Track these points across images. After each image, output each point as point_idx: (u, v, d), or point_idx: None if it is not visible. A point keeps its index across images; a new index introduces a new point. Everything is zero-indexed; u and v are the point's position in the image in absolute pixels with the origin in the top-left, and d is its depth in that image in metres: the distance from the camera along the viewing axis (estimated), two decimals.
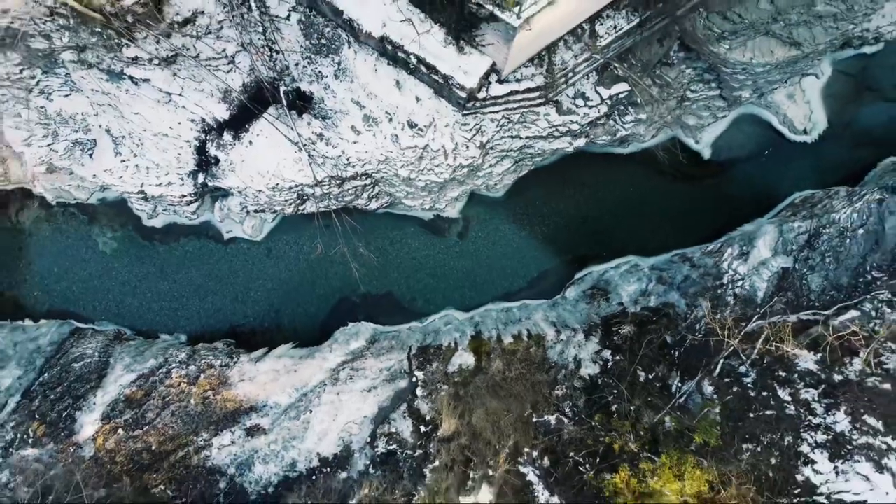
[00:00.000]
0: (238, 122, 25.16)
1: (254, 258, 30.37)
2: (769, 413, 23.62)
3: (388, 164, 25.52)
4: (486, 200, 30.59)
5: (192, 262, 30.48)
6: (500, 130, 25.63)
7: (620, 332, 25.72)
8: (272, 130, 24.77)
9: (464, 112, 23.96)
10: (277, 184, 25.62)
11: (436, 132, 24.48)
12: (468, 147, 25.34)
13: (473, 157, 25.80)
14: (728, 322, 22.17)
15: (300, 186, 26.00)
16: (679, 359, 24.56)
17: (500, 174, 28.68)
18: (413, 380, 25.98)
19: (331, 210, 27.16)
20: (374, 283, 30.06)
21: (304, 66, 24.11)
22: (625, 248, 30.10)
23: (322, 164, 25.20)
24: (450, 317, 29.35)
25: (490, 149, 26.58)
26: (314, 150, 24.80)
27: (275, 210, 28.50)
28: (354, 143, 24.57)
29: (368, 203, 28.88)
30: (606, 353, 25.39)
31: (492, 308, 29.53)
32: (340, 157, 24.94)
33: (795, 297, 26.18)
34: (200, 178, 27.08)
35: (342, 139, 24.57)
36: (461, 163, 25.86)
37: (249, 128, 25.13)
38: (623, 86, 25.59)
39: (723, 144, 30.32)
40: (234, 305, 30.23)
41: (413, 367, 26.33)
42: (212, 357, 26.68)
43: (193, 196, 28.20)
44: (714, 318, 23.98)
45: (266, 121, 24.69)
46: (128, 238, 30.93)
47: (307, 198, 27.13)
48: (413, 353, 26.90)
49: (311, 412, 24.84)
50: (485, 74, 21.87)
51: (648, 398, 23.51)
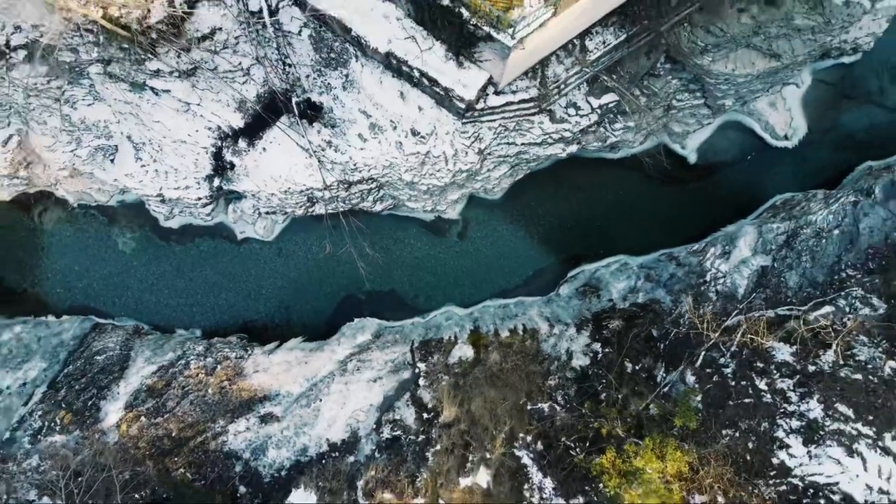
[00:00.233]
0: (252, 130, 26.93)
1: (265, 257, 32.10)
2: (747, 401, 25.39)
3: (393, 169, 27.28)
4: (485, 203, 32.32)
5: (207, 261, 32.20)
6: (497, 138, 27.41)
7: (609, 327, 27.50)
8: (284, 138, 26.54)
9: (463, 121, 25.72)
10: (289, 188, 27.39)
11: (437, 139, 26.23)
12: (467, 153, 27.11)
13: (472, 163, 27.58)
14: (707, 316, 23.88)
15: (310, 190, 27.77)
16: (664, 351, 26.33)
17: (498, 178, 30.46)
18: (416, 371, 27.79)
19: (338, 212, 28.92)
20: (379, 281, 31.76)
21: (315, 78, 25.88)
22: (615, 248, 31.87)
23: (331, 170, 26.97)
24: (450, 312, 31.12)
25: (488, 155, 28.34)
26: (324, 157, 26.56)
27: (285, 212, 30.30)
28: (361, 150, 26.33)
29: (373, 205, 30.64)
30: (596, 346, 27.19)
31: (489, 304, 31.30)
32: (348, 163, 26.70)
33: (774, 294, 27.96)
34: (216, 182, 28.82)
35: (350, 146, 26.33)
36: (461, 168, 27.62)
37: (263, 135, 26.89)
38: (612, 96, 27.37)
39: (708, 150, 32.10)
40: (247, 302, 31.99)
41: (416, 359, 28.14)
42: (227, 350, 28.47)
43: (209, 199, 29.90)
44: (696, 313, 25.77)
45: (279, 129, 26.46)
46: (146, 238, 32.63)
47: (316, 200, 28.89)
48: (416, 346, 28.71)
49: (321, 401, 26.65)
50: (482, 87, 23.64)
51: (635, 387, 25.28)
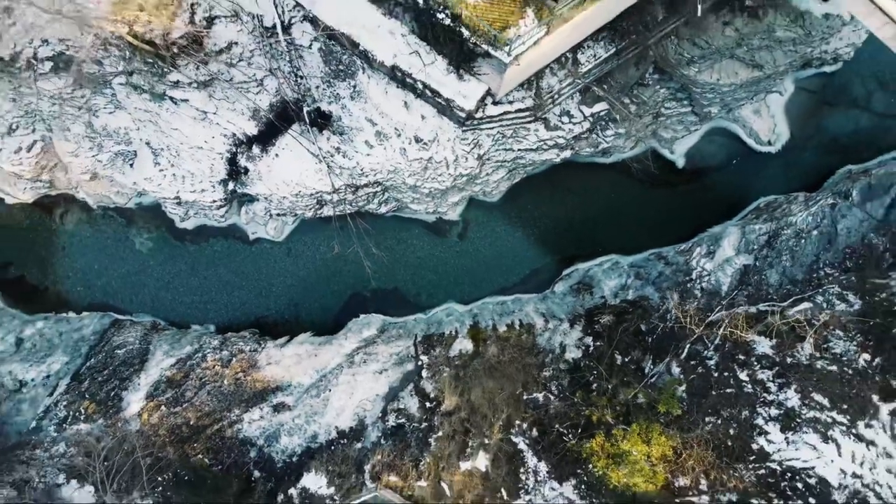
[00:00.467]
0: (265, 137, 28.68)
1: (275, 257, 33.88)
2: (729, 391, 27.13)
3: (397, 174, 29.03)
4: (484, 205, 34.07)
5: (220, 261, 33.99)
6: (496, 144, 29.17)
7: (601, 322, 29.29)
8: (296, 144, 28.29)
9: (463, 128, 27.45)
10: (300, 191, 29.15)
11: (439, 146, 27.97)
12: (467, 158, 28.87)
13: (472, 168, 29.35)
14: (691, 312, 25.64)
15: (319, 193, 29.54)
16: (651, 344, 28.09)
17: (496, 182, 32.23)
18: (419, 363, 29.58)
19: (346, 214, 30.64)
20: (383, 279, 33.47)
21: (324, 89, 27.60)
22: (607, 248, 33.68)
23: (339, 174, 28.72)
24: (451, 309, 32.92)
25: (486, 160, 30.09)
26: (333, 162, 28.32)
27: (295, 214, 32.07)
28: (368, 156, 28.09)
29: (379, 207, 32.41)
30: (588, 340, 28.97)
31: (488, 301, 33.11)
32: (355, 168, 28.46)
33: (755, 291, 29.69)
34: (230, 186, 30.56)
35: (357, 152, 28.09)
36: (461, 172, 29.39)
37: (276, 142, 28.64)
38: (603, 105, 29.13)
39: (695, 155, 33.84)
40: (258, 299, 33.77)
41: (419, 353, 29.93)
42: (241, 343, 30.25)
43: (223, 201, 31.63)
44: (682, 309, 27.52)
45: (291, 136, 28.20)
46: (162, 238, 34.40)
47: (325, 203, 30.66)
48: (419, 340, 30.50)
49: (330, 391, 28.44)
50: (481, 98, 25.39)
51: (624, 378, 27.03)
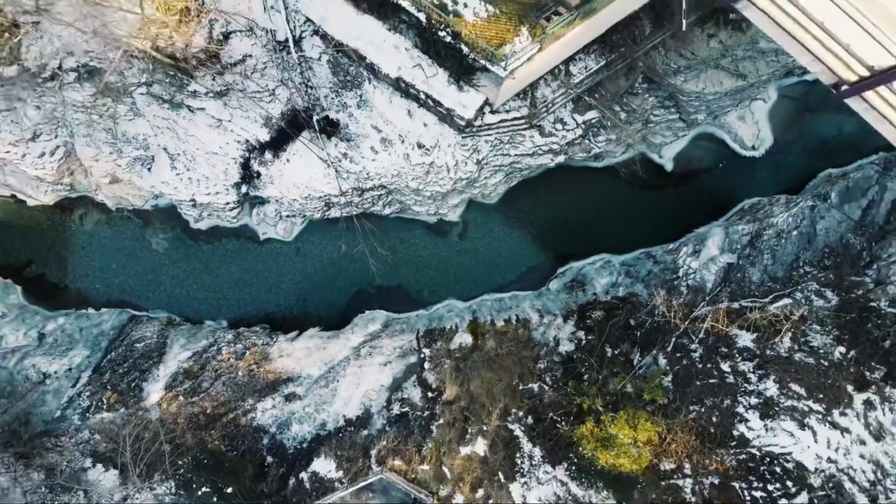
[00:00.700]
0: (277, 143, 30.48)
1: (285, 256, 35.61)
2: (712, 381, 28.90)
3: (401, 178, 30.80)
4: (483, 207, 35.75)
5: (232, 259, 35.73)
6: (493, 150, 30.95)
7: (592, 317, 31.09)
8: (306, 150, 30.09)
9: (463, 135, 29.21)
10: (309, 194, 30.95)
11: (440, 151, 29.73)
12: (467, 163, 30.65)
13: (471, 172, 31.13)
14: (675, 307, 27.43)
15: (328, 196, 31.33)
16: (640, 337, 29.87)
17: (494, 185, 34.02)
18: (421, 356, 31.41)
19: (352, 215, 32.46)
20: (387, 277, 35.21)
21: (332, 98, 29.39)
22: (600, 248, 35.34)
23: (346, 178, 30.52)
24: (451, 305, 34.72)
25: (485, 164, 31.87)
26: (340, 167, 30.11)
27: (304, 215, 33.86)
28: (373, 161, 29.87)
29: (383, 209, 34.19)
30: (580, 334, 30.78)
31: (487, 298, 34.86)
32: (361, 172, 30.25)
33: (738, 288, 31.47)
34: (243, 189, 32.35)
35: (363, 157, 29.87)
36: (461, 176, 31.17)
37: (287, 148, 30.44)
38: (595, 113, 30.90)
39: (683, 159, 35.50)
40: (268, 296, 35.54)
41: (421, 346, 31.76)
42: (254, 337, 32.09)
43: (236, 203, 33.42)
44: (668, 305, 29.28)
45: (301, 142, 30.00)
46: (177, 238, 36.13)
47: (332, 205, 32.45)
48: (421, 335, 32.33)
49: (338, 382, 30.26)
50: (480, 107, 27.17)
51: (614, 369, 28.83)
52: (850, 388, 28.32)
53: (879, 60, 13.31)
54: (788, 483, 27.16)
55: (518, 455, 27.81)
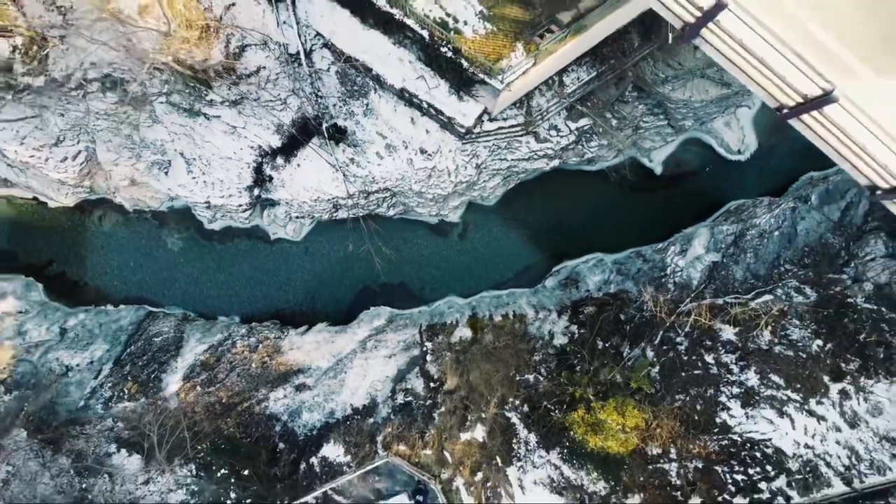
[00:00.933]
0: (288, 149, 32.33)
1: (294, 255, 37.36)
2: (696, 372, 30.69)
3: (404, 181, 32.65)
4: (482, 208, 37.44)
5: (244, 258, 37.50)
6: (492, 155, 32.81)
7: (585, 312, 32.98)
8: (315, 156, 31.97)
9: (463, 141, 31.03)
10: (318, 196, 32.83)
11: (441, 157, 31.56)
12: (466, 167, 32.50)
13: (471, 175, 32.99)
14: (661, 302, 29.31)
15: (335, 198, 33.20)
16: (629, 331, 31.73)
17: (492, 188, 35.85)
18: (424, 349, 33.28)
19: (358, 216, 34.32)
20: (391, 275, 36.90)
21: (341, 107, 31.25)
22: (593, 247, 37.01)
23: (353, 182, 32.40)
24: (452, 301, 36.52)
25: (484, 168, 33.72)
26: (347, 171, 31.99)
27: (313, 217, 35.73)
28: (379, 165, 31.72)
29: (388, 211, 36.03)
30: (573, 328, 32.66)
31: (485, 294, 36.61)
32: (368, 176, 32.12)
33: (722, 285, 33.31)
34: (256, 192, 34.22)
35: (369, 162, 31.73)
36: (461, 179, 33.02)
37: (297, 153, 32.30)
38: (587, 120, 32.77)
39: (672, 163, 37.25)
40: (279, 293, 37.33)
41: (424, 340, 33.65)
42: (266, 332, 33.98)
43: (248, 205, 35.26)
44: (656, 301, 31.14)
45: (311, 148, 31.87)
46: (191, 238, 37.84)
47: (340, 207, 34.32)
48: (423, 329, 34.21)
49: (346, 373, 32.19)
50: (479, 115, 29.02)
51: (604, 361, 30.70)
52: (827, 379, 29.68)
53: (809, 90, 15.30)
54: (768, 467, 28.74)
55: (514, 441, 29.69)
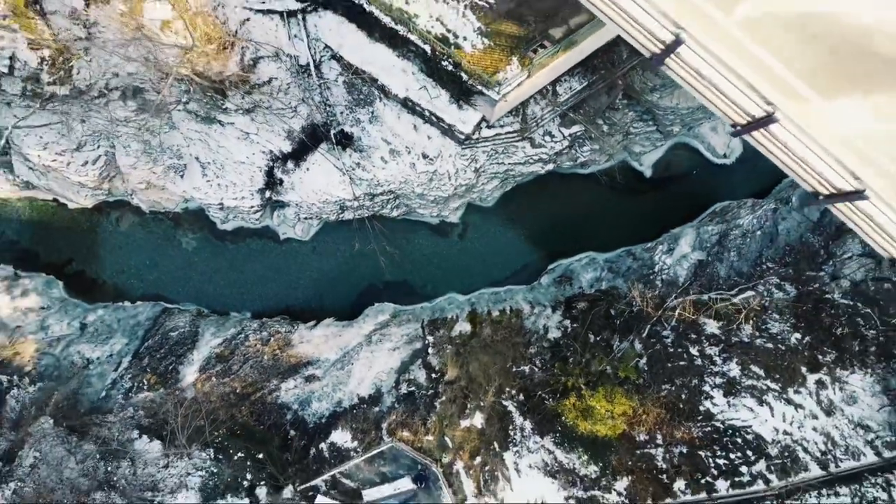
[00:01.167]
0: (298, 154, 34.24)
1: (303, 254, 39.01)
2: (682, 363, 32.42)
3: (407, 184, 34.50)
4: (481, 209, 38.96)
5: (255, 258, 39.21)
6: (490, 159, 34.66)
7: (578, 307, 34.89)
8: (323, 160, 33.91)
9: (462, 147, 32.86)
10: (326, 198, 34.76)
11: (442, 161, 33.37)
12: (466, 171, 34.36)
13: (470, 178, 34.85)
14: (648, 298, 31.27)
15: (342, 200, 35.12)
16: (619, 325, 33.55)
17: (491, 190, 37.66)
18: (426, 342, 35.15)
19: (364, 217, 36.24)
20: (395, 273, 38.54)
21: (347, 114, 33.15)
22: (586, 246, 38.54)
23: (359, 184, 34.32)
24: (452, 298, 38.22)
25: (482, 172, 35.53)
26: (354, 174, 33.92)
27: (321, 217, 37.64)
28: (383, 169, 33.62)
29: (391, 212, 37.82)
30: (567, 322, 34.56)
31: (484, 291, 38.27)
32: (373, 179, 34.02)
33: (707, 281, 35.16)
34: (267, 194, 36.14)
35: (374, 166, 33.65)
36: (461, 182, 34.86)
37: (307, 158, 34.22)
38: (580, 126, 34.66)
39: (661, 166, 38.78)
40: (288, 290, 39.10)
41: (426, 333, 35.52)
42: (277, 326, 35.95)
43: (259, 207, 37.16)
44: (643, 297, 33.04)
45: (319, 153, 33.81)
46: (205, 238, 39.54)
47: (346, 208, 36.25)
48: (425, 324, 36.07)
49: (352, 365, 34.12)
50: (477, 123, 30.91)
51: (595, 353, 32.55)
52: (805, 370, 31.03)
53: (755, 111, 17.32)
54: (748, 452, 30.19)
55: (511, 427, 31.57)
